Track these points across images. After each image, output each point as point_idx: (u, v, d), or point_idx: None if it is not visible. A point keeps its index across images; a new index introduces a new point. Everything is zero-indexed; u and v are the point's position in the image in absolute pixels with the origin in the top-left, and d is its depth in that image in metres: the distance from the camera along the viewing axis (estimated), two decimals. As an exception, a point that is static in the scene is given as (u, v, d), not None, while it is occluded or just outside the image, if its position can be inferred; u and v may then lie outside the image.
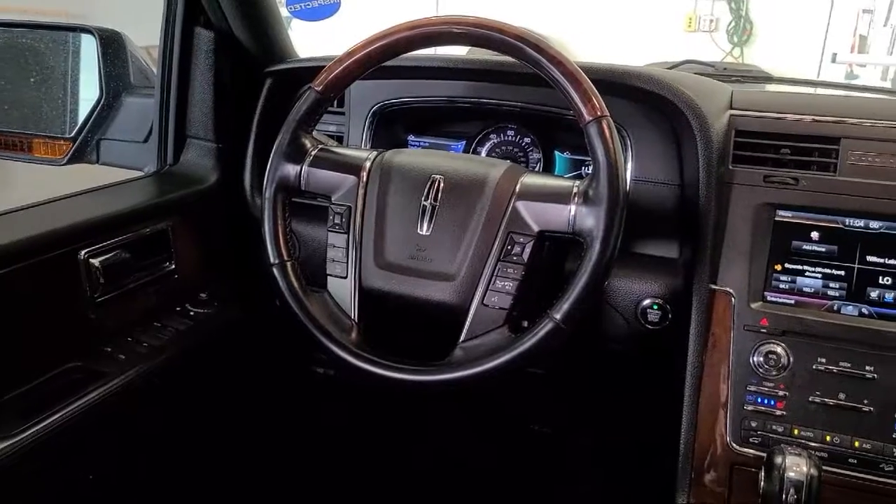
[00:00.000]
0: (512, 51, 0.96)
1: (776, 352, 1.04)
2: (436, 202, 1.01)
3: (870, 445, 1.00)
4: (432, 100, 1.31)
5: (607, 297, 1.13)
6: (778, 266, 1.07)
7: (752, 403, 1.05)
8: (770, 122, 1.09)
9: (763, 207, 1.07)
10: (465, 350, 0.97)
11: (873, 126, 1.05)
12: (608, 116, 0.92)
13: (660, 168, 1.16)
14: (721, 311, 1.07)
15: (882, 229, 1.03)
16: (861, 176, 1.03)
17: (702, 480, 1.07)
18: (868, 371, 1.00)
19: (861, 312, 1.03)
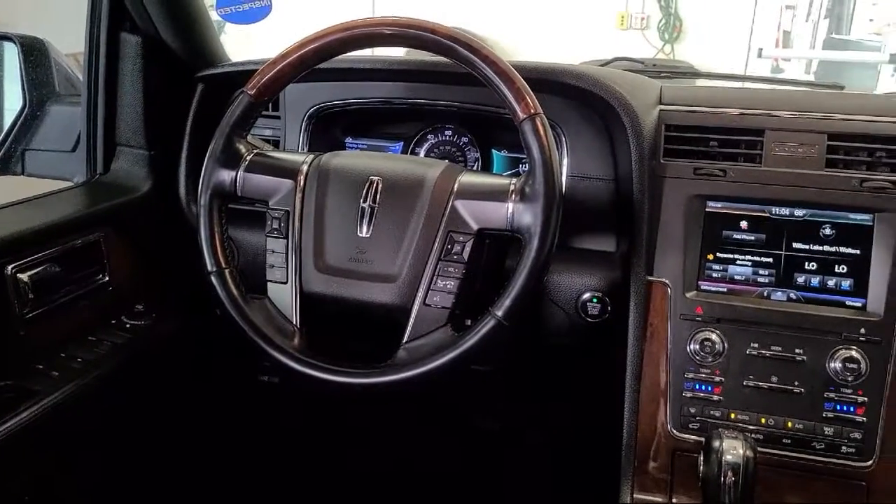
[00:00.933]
0: (445, 51, 0.97)
1: (711, 339, 1.07)
2: (374, 204, 1.01)
3: (802, 425, 1.04)
4: (369, 101, 1.31)
5: (548, 292, 1.14)
6: (710, 255, 1.10)
7: (690, 390, 1.08)
8: (698, 115, 1.12)
9: (694, 199, 1.10)
10: (408, 351, 0.97)
11: (794, 117, 1.09)
12: (542, 114, 0.93)
13: (594, 164, 1.18)
14: (658, 301, 1.10)
15: (806, 216, 1.07)
16: (784, 165, 1.07)
17: (645, 468, 1.10)
18: (798, 354, 1.04)
19: (790, 297, 1.07)
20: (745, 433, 0.94)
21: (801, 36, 7.03)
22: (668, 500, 1.09)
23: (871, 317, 1.03)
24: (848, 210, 1.05)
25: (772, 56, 5.36)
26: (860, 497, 1.03)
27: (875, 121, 1.07)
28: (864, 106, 1.10)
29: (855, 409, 1.02)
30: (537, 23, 5.48)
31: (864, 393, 1.02)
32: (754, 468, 0.88)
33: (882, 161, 1.06)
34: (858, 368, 1.01)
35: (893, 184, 1.04)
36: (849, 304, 1.05)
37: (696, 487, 0.95)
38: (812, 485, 1.04)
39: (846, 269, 1.05)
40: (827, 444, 1.03)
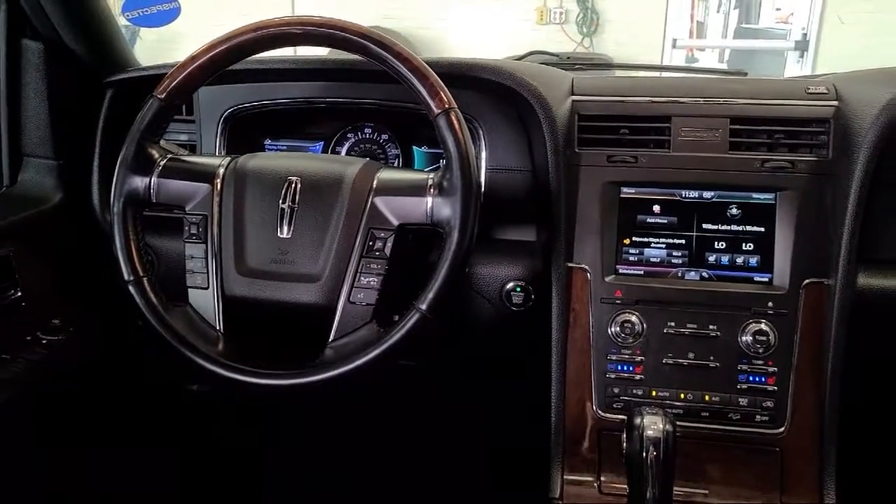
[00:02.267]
0: (357, 49, 0.97)
1: (631, 320, 1.10)
2: (294, 204, 1.00)
3: (718, 398, 1.09)
4: (287, 102, 1.29)
5: (473, 283, 1.16)
6: (626, 240, 1.13)
7: (613, 371, 1.11)
8: (608, 105, 1.16)
9: (609, 186, 1.13)
10: (334, 349, 0.97)
11: (698, 104, 1.14)
12: (456, 108, 0.95)
13: (512, 156, 1.20)
14: (579, 287, 1.13)
15: (714, 198, 1.12)
16: (690, 150, 1.12)
17: (575, 450, 1.13)
18: (712, 330, 1.09)
19: (702, 276, 1.12)
20: (665, 409, 0.98)
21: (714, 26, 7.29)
22: (597, 478, 1.12)
23: (777, 290, 1.08)
24: (752, 190, 1.10)
25: (686, 46, 5.53)
26: (774, 462, 1.08)
27: (774, 104, 1.12)
28: (765, 90, 1.15)
29: (766, 380, 1.07)
30: (458, 20, 5.52)
31: (774, 363, 1.07)
32: (674, 442, 0.91)
33: (781, 142, 1.11)
34: (768, 340, 1.07)
35: (792, 163, 1.09)
36: (757, 279, 1.10)
37: (623, 464, 0.98)
38: (730, 453, 1.09)
39: (753, 246, 1.10)
40: (742, 415, 1.08)
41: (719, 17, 7.40)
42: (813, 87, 1.13)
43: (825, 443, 1.07)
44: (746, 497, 1.09)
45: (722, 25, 7.28)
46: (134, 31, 3.52)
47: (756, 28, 6.98)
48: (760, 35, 6.66)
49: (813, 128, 1.10)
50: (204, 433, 1.59)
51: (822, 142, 1.09)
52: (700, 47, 6.32)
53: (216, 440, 1.60)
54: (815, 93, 1.12)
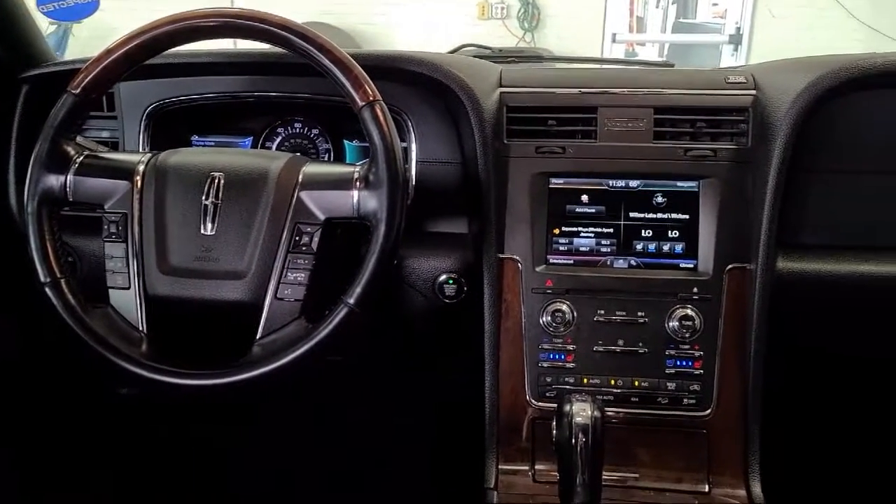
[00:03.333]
0: (279, 41, 0.96)
1: (562, 309, 1.11)
2: (217, 200, 0.98)
3: (647, 383, 1.11)
4: (213, 97, 1.27)
5: (405, 276, 1.16)
6: (556, 230, 1.15)
7: (545, 360, 1.12)
8: (536, 96, 1.17)
9: (538, 177, 1.14)
10: (262, 346, 0.96)
11: (623, 94, 1.15)
12: (381, 100, 0.94)
13: (442, 148, 1.20)
14: (510, 277, 1.14)
15: (640, 187, 1.14)
16: (616, 140, 1.13)
17: (509, 440, 1.14)
18: (640, 317, 1.11)
19: (630, 264, 1.13)
20: (594, 395, 0.99)
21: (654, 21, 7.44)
22: (532, 467, 1.13)
23: (701, 276, 1.10)
24: (676, 178, 1.12)
25: (625, 41, 5.62)
26: (701, 443, 1.11)
27: (695, 94, 1.14)
28: (687, 81, 1.17)
29: (693, 364, 1.10)
30: (400, 16, 5.50)
31: (699, 347, 1.10)
32: (602, 427, 0.93)
33: (703, 131, 1.13)
34: (693, 325, 1.09)
35: (714, 152, 1.11)
36: (682, 266, 1.12)
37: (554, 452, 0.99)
38: (660, 437, 1.11)
39: (678, 233, 1.12)
40: (670, 399, 1.10)
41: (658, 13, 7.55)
42: (732, 77, 1.16)
43: (749, 424, 1.10)
44: (675, 479, 1.11)
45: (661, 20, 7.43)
46: (67, 28, 3.40)
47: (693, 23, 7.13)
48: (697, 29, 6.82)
49: (733, 116, 1.12)
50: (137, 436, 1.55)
51: (742, 130, 1.12)
52: (639, 42, 6.43)
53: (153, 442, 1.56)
54: (735, 82, 1.15)
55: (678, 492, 1.10)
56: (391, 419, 1.48)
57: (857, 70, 1.04)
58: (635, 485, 1.10)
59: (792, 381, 1.20)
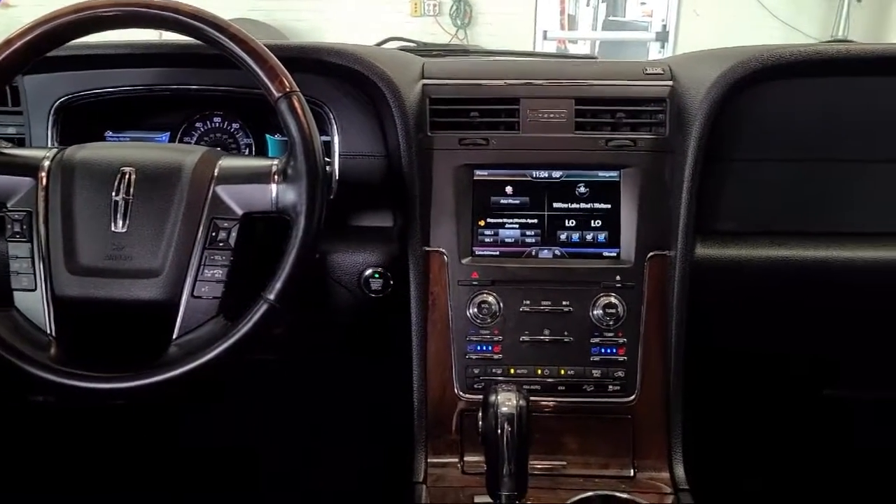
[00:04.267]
0: (190, 31, 0.93)
1: (488, 301, 1.11)
2: (129, 196, 0.95)
3: (573, 371, 1.12)
4: (127, 90, 1.22)
5: (330, 272, 1.14)
6: (482, 222, 1.15)
7: (473, 352, 1.12)
8: (459, 88, 1.16)
9: (462, 169, 1.14)
10: (179, 346, 0.93)
11: (545, 85, 1.16)
12: (298, 92, 0.93)
13: (365, 141, 1.18)
14: (437, 270, 1.13)
15: (563, 177, 1.14)
16: (539, 131, 1.14)
17: (438, 433, 1.13)
18: (565, 306, 1.12)
19: (555, 254, 1.14)
20: (521, 385, 1.00)
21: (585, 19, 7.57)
22: (461, 459, 1.13)
23: (624, 264, 1.12)
24: (597, 168, 1.14)
25: (556, 38, 5.68)
26: (627, 429, 1.13)
27: (614, 85, 1.16)
28: (607, 72, 1.19)
29: (617, 351, 1.11)
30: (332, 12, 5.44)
31: (623, 334, 1.11)
32: (528, 417, 0.93)
33: (623, 121, 1.15)
34: (617, 313, 1.10)
35: (634, 142, 1.13)
36: (605, 254, 1.14)
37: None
38: (586, 424, 1.13)
39: (601, 223, 1.14)
40: (596, 386, 1.12)
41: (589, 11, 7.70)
42: (650, 68, 1.18)
43: (671, 409, 1.12)
44: (602, 465, 1.12)
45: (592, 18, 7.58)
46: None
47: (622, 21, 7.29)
48: (626, 27, 6.96)
49: (651, 107, 1.15)
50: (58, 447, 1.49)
51: (660, 120, 1.14)
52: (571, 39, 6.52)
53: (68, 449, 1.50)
54: (652, 73, 1.17)
55: (605, 477, 1.11)
56: (320, 416, 1.45)
57: (766, 60, 1.07)
58: (563, 473, 1.11)
59: (712, 366, 1.23)
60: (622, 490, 1.05)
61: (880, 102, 1.13)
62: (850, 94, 1.13)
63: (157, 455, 1.55)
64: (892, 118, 1.13)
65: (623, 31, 6.81)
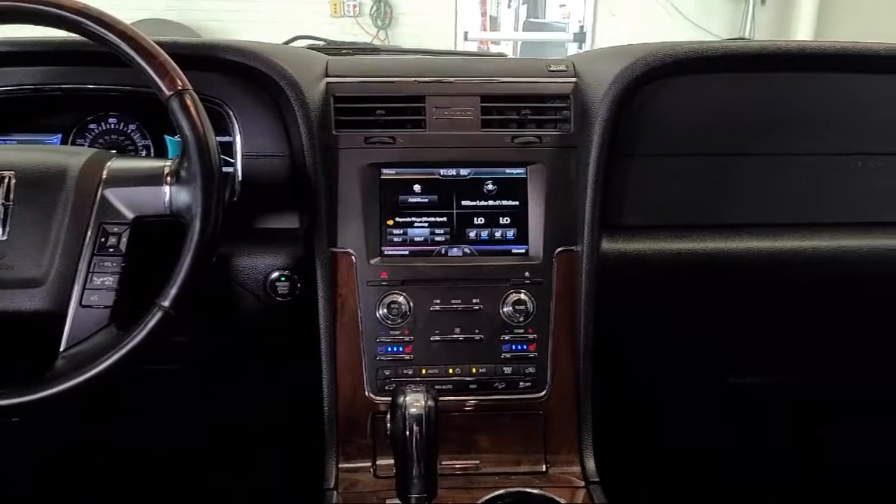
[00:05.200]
0: (74, 27, 0.89)
1: (398, 301, 1.10)
2: (8, 202, 0.89)
3: (485, 369, 1.11)
4: (12, 90, 1.15)
5: (234, 275, 1.10)
6: (390, 221, 1.13)
7: (383, 354, 1.10)
8: (363, 85, 1.15)
9: (368, 168, 1.12)
10: (67, 359, 0.88)
11: (451, 83, 1.15)
12: (191, 90, 0.90)
13: (269, 141, 1.15)
14: (345, 272, 1.11)
15: (470, 175, 1.14)
16: (445, 129, 1.13)
17: (350, 438, 1.11)
18: (475, 304, 1.11)
19: (464, 252, 1.14)
20: (432, 385, 0.99)
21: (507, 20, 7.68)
22: (373, 463, 1.11)
23: (532, 261, 1.12)
24: (504, 166, 1.14)
25: (477, 39, 5.72)
26: (539, 425, 1.13)
27: (519, 82, 1.16)
28: (512, 69, 1.19)
29: (527, 347, 1.12)
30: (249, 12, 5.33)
31: (533, 331, 1.12)
32: (436, 417, 0.92)
33: (529, 118, 1.15)
34: (527, 309, 1.11)
35: (539, 138, 1.14)
36: (514, 251, 1.14)
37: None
38: (499, 422, 1.13)
39: (509, 220, 1.14)
40: (507, 383, 1.12)
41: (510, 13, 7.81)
42: (554, 65, 1.19)
43: (582, 403, 1.13)
44: (515, 462, 1.12)
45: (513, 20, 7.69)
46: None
47: (542, 22, 7.42)
48: (546, 28, 7.09)
49: (555, 103, 1.15)
50: None
51: (565, 116, 1.15)
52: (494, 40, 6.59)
53: None
54: (556, 70, 1.18)
55: (518, 474, 1.11)
56: (228, 424, 1.41)
57: (663, 57, 1.09)
58: (477, 471, 1.11)
59: (622, 358, 1.25)
60: (535, 486, 1.06)
61: (775, 98, 1.17)
62: (745, 90, 1.17)
63: (59, 466, 1.48)
64: (787, 113, 1.18)
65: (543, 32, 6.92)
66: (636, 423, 1.38)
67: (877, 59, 1.15)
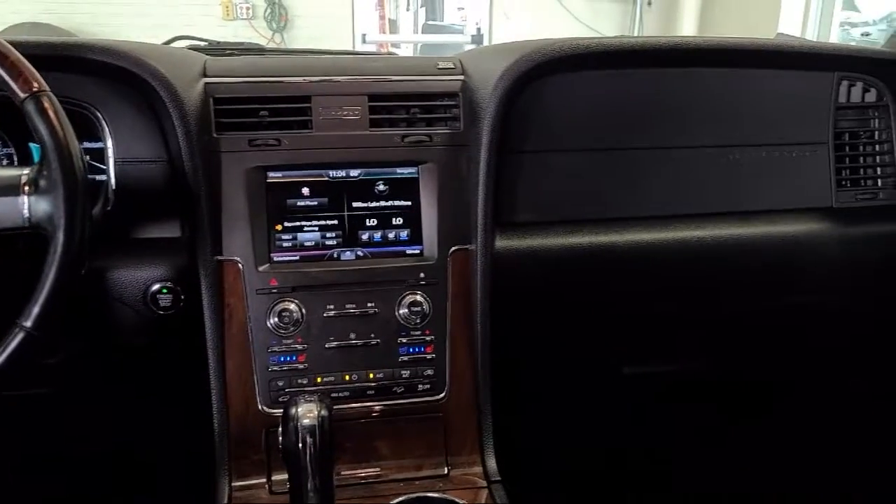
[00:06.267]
0: None
1: (289, 308, 1.06)
2: None
3: (382, 374, 1.09)
4: None
5: (110, 290, 1.03)
6: (278, 226, 1.09)
7: (276, 364, 1.06)
8: (245, 86, 1.10)
9: (253, 171, 1.08)
10: None
11: (337, 82, 1.12)
12: (48, 92, 0.83)
13: (144, 146, 1.09)
14: (231, 280, 1.06)
15: (361, 176, 1.11)
16: (333, 129, 1.10)
17: (242, 454, 1.06)
18: (370, 308, 1.08)
19: (357, 255, 1.11)
20: (328, 394, 0.95)
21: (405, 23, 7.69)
22: (268, 479, 1.07)
23: (427, 261, 1.11)
24: (395, 165, 1.12)
25: (376, 41, 5.69)
26: (439, 427, 1.11)
27: (407, 80, 1.14)
28: (400, 68, 1.17)
29: (425, 349, 1.10)
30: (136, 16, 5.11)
31: (430, 332, 1.10)
32: (330, 426, 0.89)
33: (418, 117, 1.14)
34: (423, 310, 1.09)
35: (430, 137, 1.12)
36: (409, 252, 1.12)
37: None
38: (399, 427, 1.10)
39: (402, 220, 1.12)
40: (406, 386, 1.10)
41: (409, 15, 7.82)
42: (442, 63, 1.18)
43: (481, 402, 1.12)
44: (416, 467, 1.11)
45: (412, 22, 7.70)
46: None
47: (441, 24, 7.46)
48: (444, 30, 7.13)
49: (444, 101, 1.14)
50: None
51: (454, 114, 1.14)
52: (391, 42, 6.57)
53: None
54: (444, 68, 1.17)
55: (420, 479, 1.09)
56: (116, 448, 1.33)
57: (548, 52, 1.09)
58: (377, 480, 1.08)
59: (521, 356, 1.25)
60: (437, 489, 1.04)
61: (656, 93, 1.20)
62: (628, 86, 1.19)
63: None
64: (667, 108, 1.21)
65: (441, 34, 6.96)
66: (537, 420, 1.38)
67: (745, 55, 1.19)
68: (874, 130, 1.28)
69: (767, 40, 1.24)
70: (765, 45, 1.19)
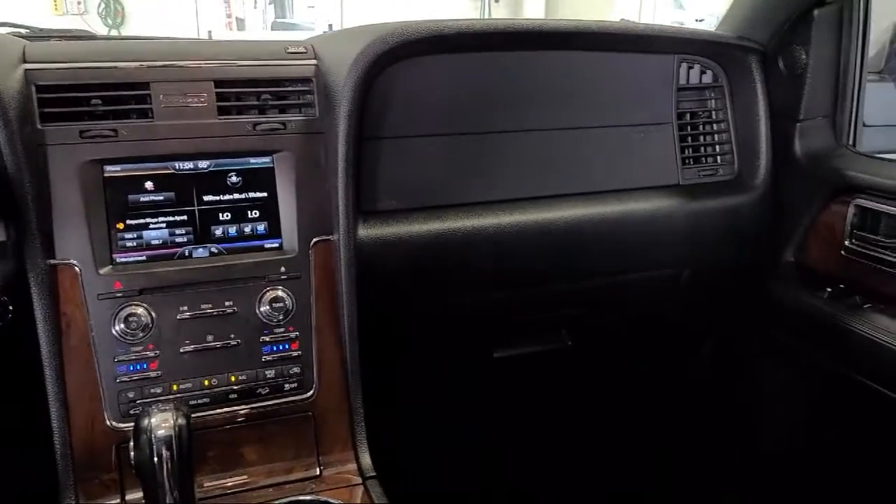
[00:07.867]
0: None
1: (137, 313, 0.98)
2: None
3: (245, 376, 1.03)
4: None
5: None
6: (120, 225, 1.00)
7: (125, 374, 0.97)
8: (73, 72, 1.00)
9: (88, 166, 0.98)
10: None
11: (178, 68, 1.04)
12: None
13: None
14: (68, 286, 0.96)
15: (211, 168, 1.04)
16: (177, 118, 1.02)
17: (90, 475, 0.97)
18: (229, 307, 1.02)
19: (211, 252, 1.04)
20: (186, 401, 0.88)
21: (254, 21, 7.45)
22: (122, 499, 0.98)
23: (287, 254, 1.05)
24: (248, 155, 1.06)
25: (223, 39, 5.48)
26: (308, 427, 1.07)
27: (255, 65, 1.08)
28: (247, 52, 1.11)
29: (290, 346, 1.05)
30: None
31: (294, 328, 1.05)
32: (189, 436, 0.82)
33: (270, 104, 1.08)
34: (285, 306, 1.04)
35: (284, 124, 1.07)
36: (267, 246, 1.06)
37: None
38: (266, 430, 1.05)
39: (259, 213, 1.06)
40: (271, 387, 1.04)
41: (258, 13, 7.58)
42: (292, 48, 1.13)
43: (352, 397, 1.08)
44: (287, 469, 1.05)
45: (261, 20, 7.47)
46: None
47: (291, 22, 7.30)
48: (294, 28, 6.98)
49: (298, 87, 1.09)
50: None
51: (309, 101, 1.09)
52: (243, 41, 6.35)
53: None
54: (295, 52, 1.12)
55: (291, 482, 1.04)
56: None
57: (404, 35, 1.07)
58: (245, 488, 1.02)
59: (390, 346, 1.22)
60: (310, 491, 0.99)
61: (512, 76, 1.21)
62: (484, 70, 1.19)
63: None
64: (523, 90, 1.22)
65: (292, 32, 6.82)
66: (412, 413, 1.36)
67: (596, 37, 1.22)
68: (711, 111, 1.36)
69: (614, 22, 1.29)
70: (611, 28, 1.23)
